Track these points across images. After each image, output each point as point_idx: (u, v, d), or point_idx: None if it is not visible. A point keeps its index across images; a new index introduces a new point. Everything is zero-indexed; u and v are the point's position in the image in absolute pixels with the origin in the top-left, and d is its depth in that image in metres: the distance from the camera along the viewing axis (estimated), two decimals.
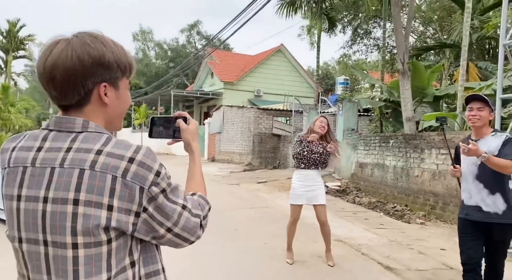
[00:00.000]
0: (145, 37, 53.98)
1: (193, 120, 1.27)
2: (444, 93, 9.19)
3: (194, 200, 1.06)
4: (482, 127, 2.80)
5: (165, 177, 0.95)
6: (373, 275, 3.94)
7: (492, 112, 2.80)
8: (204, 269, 3.97)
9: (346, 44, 20.33)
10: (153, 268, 0.99)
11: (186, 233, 0.99)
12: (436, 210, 7.13)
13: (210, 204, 1.13)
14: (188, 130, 1.24)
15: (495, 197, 2.72)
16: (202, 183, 1.21)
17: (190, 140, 1.24)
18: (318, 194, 4.11)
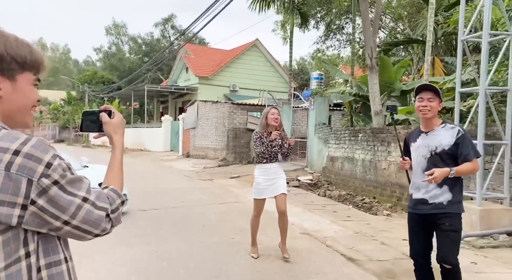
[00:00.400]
0: (118, 31, 52.78)
1: (117, 114, 1.27)
2: (411, 87, 9.41)
3: (102, 193, 1.06)
4: (432, 118, 2.71)
5: (58, 168, 0.94)
6: (335, 267, 4.01)
7: (441, 103, 2.71)
8: (167, 266, 3.93)
9: (320, 40, 20.50)
10: (54, 258, 0.99)
11: (87, 225, 0.99)
12: (402, 201, 7.33)
13: (123, 198, 1.12)
14: (110, 123, 1.24)
15: (442, 190, 2.67)
16: (119, 176, 1.19)
17: (112, 133, 1.24)
18: (280, 184, 4.16)
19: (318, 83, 25.40)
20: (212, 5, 12.78)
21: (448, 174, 2.55)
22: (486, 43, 4.92)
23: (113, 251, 4.30)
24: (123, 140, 1.26)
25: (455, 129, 2.68)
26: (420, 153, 2.75)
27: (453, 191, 2.67)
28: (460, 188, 2.73)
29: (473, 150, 2.64)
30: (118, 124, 1.26)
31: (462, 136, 2.63)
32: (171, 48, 36.57)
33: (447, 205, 2.67)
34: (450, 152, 2.65)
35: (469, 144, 2.63)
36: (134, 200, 7.21)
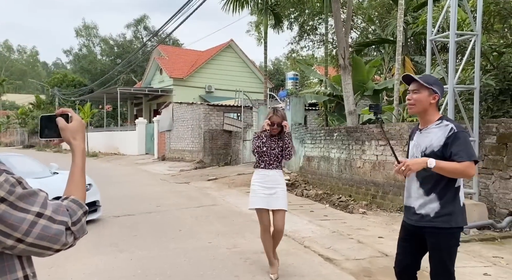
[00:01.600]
0: (89, 32, 51.44)
1: (76, 117, 1.20)
2: (383, 86, 9.61)
3: (61, 205, 1.00)
4: (425, 113, 2.31)
5: (4, 185, 0.89)
6: (313, 268, 4.01)
7: (435, 94, 2.28)
8: (142, 273, 3.82)
9: (294, 40, 20.65)
10: (11, 277, 0.94)
11: (45, 242, 0.94)
12: (377, 199, 7.46)
13: (85, 208, 1.07)
14: (67, 128, 1.17)
15: (430, 198, 2.27)
16: (80, 185, 1.13)
17: (71, 139, 1.17)
18: (279, 197, 3.67)
19: (293, 83, 25.54)
20: (184, 6, 12.65)
21: (425, 164, 2.14)
22: (453, 42, 5.07)
23: (86, 260, 4.14)
24: (84, 145, 1.19)
25: (448, 126, 2.25)
26: (414, 153, 2.39)
27: (443, 200, 2.24)
28: (454, 196, 2.26)
29: (465, 151, 2.18)
30: (77, 129, 1.18)
31: (453, 135, 2.21)
32: (144, 50, 35.95)
33: (433, 218, 2.25)
34: (440, 154, 2.23)
35: (461, 144, 2.19)
36: (107, 206, 7.01)
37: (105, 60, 46.47)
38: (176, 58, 27.20)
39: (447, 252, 2.27)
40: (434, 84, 2.28)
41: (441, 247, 2.26)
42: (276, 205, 3.67)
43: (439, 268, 2.29)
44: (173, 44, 40.99)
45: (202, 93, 25.57)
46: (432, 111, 2.31)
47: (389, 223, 5.97)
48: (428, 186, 2.28)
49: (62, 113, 1.20)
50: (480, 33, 5.22)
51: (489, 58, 6.36)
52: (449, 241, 2.26)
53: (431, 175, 2.22)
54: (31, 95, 44.79)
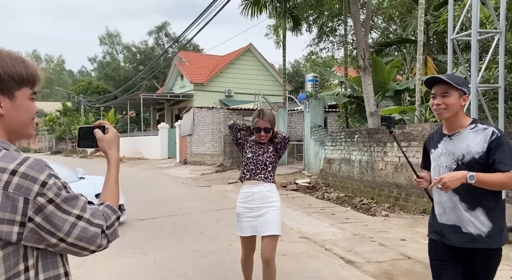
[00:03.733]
0: (112, 40, 52.85)
1: (112, 129, 1.30)
2: (405, 87, 9.46)
3: (97, 209, 1.09)
4: (454, 118, 2.05)
5: (53, 187, 0.99)
6: (334, 270, 4.00)
7: (465, 95, 2.04)
8: (165, 275, 3.91)
9: (313, 42, 20.58)
10: (53, 273, 1.04)
11: (83, 242, 1.03)
12: (400, 201, 7.34)
13: (118, 213, 1.16)
14: (104, 139, 1.27)
15: (476, 213, 1.98)
16: (114, 192, 1.22)
17: (107, 149, 1.27)
18: (268, 220, 2.90)
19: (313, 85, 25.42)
20: (204, 12, 12.86)
21: (464, 179, 1.88)
22: (475, 41, 4.96)
23: (111, 262, 4.27)
24: (118, 155, 1.28)
25: (489, 130, 1.98)
26: (443, 162, 2.10)
27: (492, 215, 1.97)
28: (502, 209, 2.02)
29: (510, 159, 1.91)
30: (112, 140, 1.28)
31: (496, 139, 1.94)
32: (165, 56, 36.64)
33: (487, 238, 1.97)
34: (482, 162, 1.96)
35: (505, 150, 1.93)
36: (131, 209, 7.19)
37: (128, 67, 47.60)
38: (196, 63, 27.61)
39: (494, 272, 2.05)
40: (463, 85, 2.05)
41: (491, 269, 2.03)
42: (266, 230, 2.90)
43: None
44: (194, 49, 41.59)
45: (222, 97, 25.80)
46: (462, 114, 2.09)
47: (412, 226, 5.87)
48: (472, 199, 1.99)
49: (99, 125, 1.29)
50: (504, 31, 5.08)
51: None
52: (499, 262, 2.02)
53: (468, 186, 1.91)
54: (58, 103, 46.34)
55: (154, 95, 26.43)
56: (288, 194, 9.23)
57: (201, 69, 26.99)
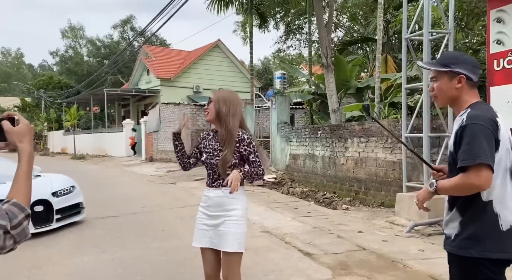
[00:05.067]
0: (75, 33, 50.87)
1: (23, 121, 1.22)
2: (366, 84, 9.76)
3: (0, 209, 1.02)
4: (455, 102, 1.77)
5: None
6: (292, 262, 4.10)
7: (459, 76, 1.71)
8: (123, 273, 3.86)
9: (280, 40, 20.75)
10: None
11: None
12: (360, 195, 7.59)
13: (27, 211, 1.08)
14: (13, 132, 1.18)
15: (453, 214, 1.74)
16: (23, 188, 1.13)
17: (17, 142, 1.18)
18: (223, 232, 2.40)
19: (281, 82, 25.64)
20: (169, 4, 12.64)
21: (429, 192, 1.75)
22: (427, 41, 5.20)
23: (67, 262, 4.17)
24: (31, 149, 1.20)
25: (462, 117, 1.68)
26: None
27: (464, 215, 1.69)
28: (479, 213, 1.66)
29: (467, 152, 1.59)
30: (23, 132, 1.19)
31: (460, 129, 1.65)
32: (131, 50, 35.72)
33: (453, 241, 1.73)
34: (453, 156, 1.71)
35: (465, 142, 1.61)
36: (92, 208, 7.02)
37: (92, 62, 46.06)
38: (163, 58, 27.11)
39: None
40: (453, 64, 1.73)
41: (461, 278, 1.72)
42: (220, 245, 2.39)
43: None
44: (161, 44, 40.81)
45: (190, 93, 25.51)
46: (464, 97, 1.73)
47: (369, 218, 6.09)
48: (450, 197, 1.76)
49: (9, 116, 1.20)
50: (452, 31, 5.37)
51: None
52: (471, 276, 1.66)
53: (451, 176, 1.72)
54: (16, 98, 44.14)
55: (119, 90, 25.74)
56: (254, 190, 9.31)
57: (168, 64, 26.54)
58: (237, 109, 2.45)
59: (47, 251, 4.57)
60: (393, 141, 6.74)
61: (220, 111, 2.42)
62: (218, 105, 2.43)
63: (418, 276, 3.62)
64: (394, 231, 5.27)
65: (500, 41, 4.74)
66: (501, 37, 4.74)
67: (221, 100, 2.44)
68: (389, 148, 6.87)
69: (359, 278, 3.59)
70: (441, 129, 5.63)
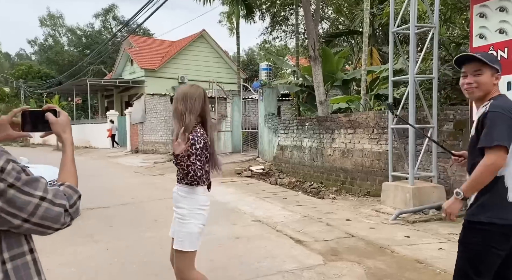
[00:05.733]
0: (54, 22, 49.43)
1: (63, 113, 1.33)
2: (352, 77, 9.93)
3: (58, 190, 1.14)
4: (486, 96, 1.94)
5: (12, 172, 1.02)
6: (284, 250, 4.23)
7: (498, 74, 1.94)
8: (119, 262, 3.92)
9: (266, 31, 20.73)
10: (18, 251, 1.09)
11: (48, 222, 1.08)
12: (346, 185, 7.79)
13: (79, 193, 1.22)
14: (57, 122, 1.30)
15: None
16: (72, 173, 1.28)
17: (61, 132, 1.30)
18: (175, 229, 2.45)
19: (267, 73, 25.61)
20: None
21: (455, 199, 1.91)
22: (413, 34, 5.36)
23: (61, 251, 4.20)
24: (72, 138, 1.32)
25: (486, 106, 1.89)
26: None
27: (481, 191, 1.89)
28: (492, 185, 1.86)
29: (486, 136, 1.82)
30: (66, 123, 1.31)
31: (483, 115, 1.86)
32: (114, 40, 35.02)
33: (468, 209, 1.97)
34: (475, 140, 1.91)
35: (486, 127, 1.83)
36: (82, 199, 6.97)
37: (73, 51, 44.93)
38: (147, 48, 26.71)
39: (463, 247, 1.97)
40: (496, 62, 1.96)
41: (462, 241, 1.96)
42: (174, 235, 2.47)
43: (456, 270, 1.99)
44: (144, 34, 40.12)
45: (175, 84, 25.24)
46: (493, 92, 1.95)
47: (356, 207, 6.29)
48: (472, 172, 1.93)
49: (49, 108, 1.31)
50: (438, 25, 5.54)
51: (448, 49, 6.74)
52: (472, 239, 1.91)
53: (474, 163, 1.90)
54: None
55: (102, 81, 25.29)
56: (242, 180, 9.43)
57: (152, 54, 26.18)
58: (194, 104, 2.40)
59: (39, 241, 4.55)
60: (379, 132, 6.93)
61: (176, 109, 2.42)
62: (176, 104, 2.43)
63: (405, 260, 3.81)
64: (380, 219, 5.47)
65: (482, 35, 4.94)
66: (484, 31, 4.93)
67: (178, 98, 2.44)
68: (375, 139, 7.07)
69: (349, 263, 3.75)
70: (425, 120, 5.83)
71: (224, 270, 3.67)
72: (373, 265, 3.68)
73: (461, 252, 1.98)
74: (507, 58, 4.62)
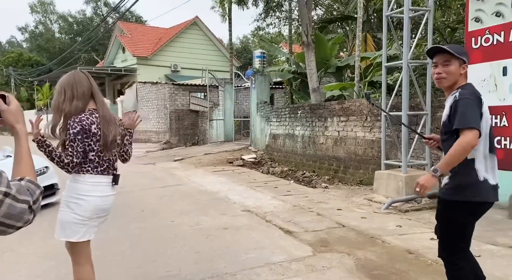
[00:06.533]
0: (45, 8, 48.48)
1: (14, 100, 1.20)
2: (345, 63, 9.73)
3: (21, 185, 1.05)
4: (454, 86, 2.12)
5: None
6: (273, 240, 4.12)
7: (465, 64, 2.12)
8: (101, 254, 3.78)
9: (259, 17, 20.37)
10: None
11: (10, 220, 1.00)
12: (339, 173, 7.69)
13: (41, 188, 1.13)
14: (9, 111, 1.18)
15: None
16: (30, 166, 1.18)
17: (14, 122, 1.18)
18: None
19: (261, 61, 25.32)
20: None
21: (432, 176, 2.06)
22: (407, 18, 5.17)
23: (41, 243, 4.05)
24: (26, 128, 1.21)
25: (455, 94, 2.08)
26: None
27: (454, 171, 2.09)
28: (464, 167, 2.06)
29: (460, 118, 2.00)
30: (18, 112, 1.19)
31: (454, 103, 2.04)
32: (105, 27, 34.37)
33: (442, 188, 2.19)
34: (447, 125, 2.11)
35: (459, 112, 2.00)
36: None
37: (65, 38, 44.15)
38: (139, 35, 26.23)
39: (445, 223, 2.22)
40: (464, 54, 2.13)
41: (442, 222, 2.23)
42: None
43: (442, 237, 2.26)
44: (136, 21, 39.43)
45: (168, 72, 24.93)
46: (461, 82, 2.13)
47: (348, 196, 6.19)
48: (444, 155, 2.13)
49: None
50: (432, 9, 5.35)
51: (443, 34, 6.57)
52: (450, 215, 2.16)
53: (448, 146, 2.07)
54: None
55: (94, 68, 24.86)
56: (234, 170, 9.30)
57: (144, 41, 25.72)
58: (73, 92, 2.28)
59: (19, 232, 4.42)
60: (372, 120, 6.80)
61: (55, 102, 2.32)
62: (56, 97, 2.32)
63: (396, 251, 3.71)
64: (372, 208, 5.37)
65: (478, 19, 4.77)
66: (480, 14, 4.76)
67: (58, 91, 2.34)
68: (368, 127, 6.94)
69: (339, 254, 3.64)
70: (419, 108, 5.70)
71: (210, 262, 3.54)
72: (363, 256, 3.58)
73: (446, 227, 2.22)
74: (503, 42, 4.47)
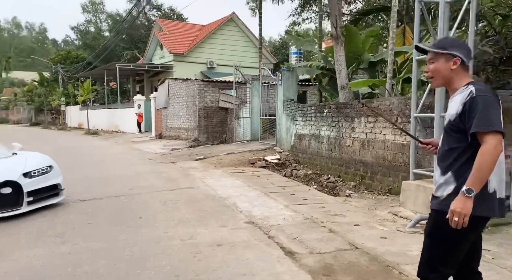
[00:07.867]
0: (95, 8, 50.61)
1: None
2: (379, 58, 8.83)
3: None
4: (450, 83, 1.97)
5: None
6: (268, 264, 3.54)
7: (454, 58, 1.92)
8: (72, 272, 3.40)
9: (295, 12, 19.59)
10: None
11: None
12: (366, 180, 6.91)
13: None
14: None
15: (448, 178, 1.91)
16: None
17: None
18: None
19: (297, 58, 24.53)
20: None
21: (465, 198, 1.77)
22: (443, 3, 4.33)
23: (18, 254, 3.76)
24: None
25: (467, 90, 1.84)
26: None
27: (460, 181, 1.85)
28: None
29: (480, 119, 1.73)
30: None
31: (470, 100, 1.79)
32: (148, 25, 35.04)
33: (445, 200, 1.90)
34: (455, 124, 1.86)
35: (477, 111, 1.74)
36: (78, 189, 6.68)
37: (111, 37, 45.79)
38: (177, 33, 26.39)
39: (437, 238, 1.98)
40: (450, 47, 1.94)
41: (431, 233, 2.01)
42: None
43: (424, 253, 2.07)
44: (177, 18, 39.91)
45: (204, 69, 24.86)
46: (458, 77, 1.94)
47: (371, 208, 5.45)
48: (445, 162, 1.92)
49: None
50: None
51: (491, 23, 5.59)
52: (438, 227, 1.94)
53: (449, 149, 1.89)
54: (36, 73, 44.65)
55: (132, 65, 25.30)
56: (254, 171, 8.76)
57: (181, 38, 25.84)
58: None
59: (4, 240, 4.20)
60: (403, 121, 5.97)
61: None
62: None
63: None
64: (396, 225, 4.62)
65: None
66: None
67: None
68: (398, 129, 6.10)
69: None
70: None
71: None
72: None
73: (431, 244, 1.98)
74: None
